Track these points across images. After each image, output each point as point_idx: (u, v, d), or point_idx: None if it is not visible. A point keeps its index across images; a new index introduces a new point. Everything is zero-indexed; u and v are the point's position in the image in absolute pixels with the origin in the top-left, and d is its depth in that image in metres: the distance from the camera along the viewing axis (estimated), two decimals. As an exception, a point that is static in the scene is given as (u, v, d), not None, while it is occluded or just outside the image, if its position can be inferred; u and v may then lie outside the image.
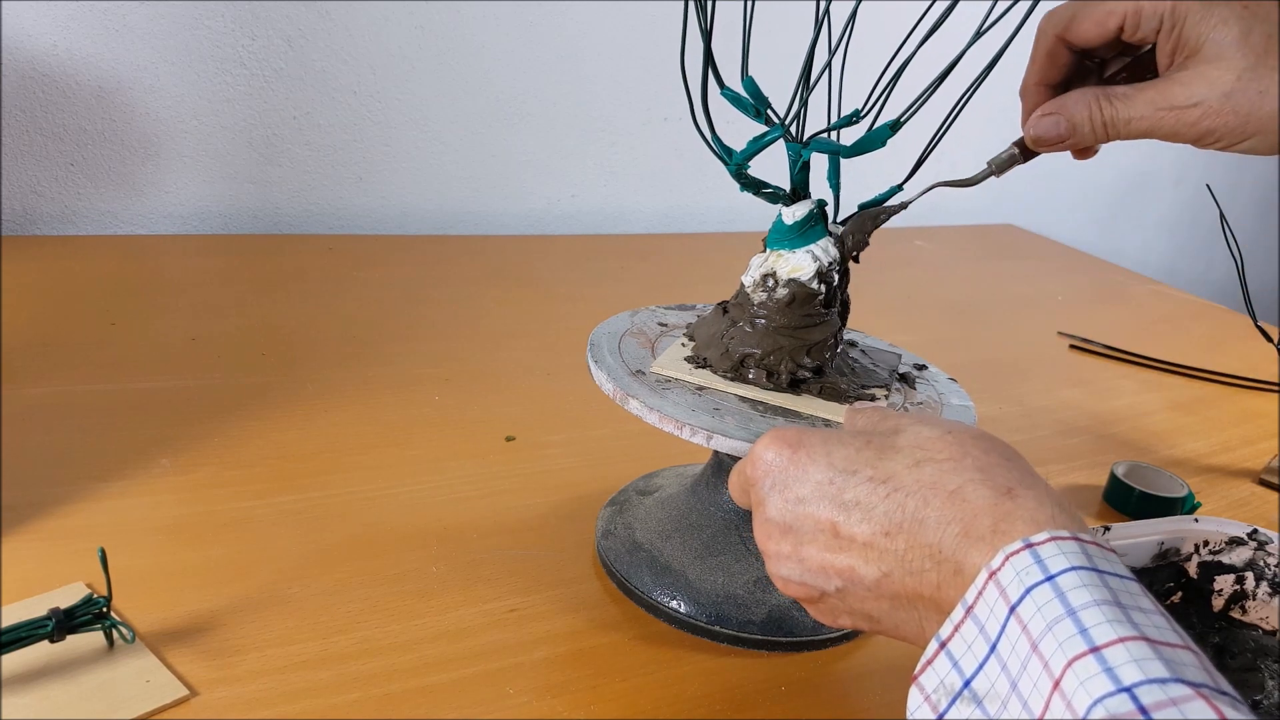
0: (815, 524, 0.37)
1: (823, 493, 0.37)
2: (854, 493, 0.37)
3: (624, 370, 0.52)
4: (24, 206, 0.98)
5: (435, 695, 0.45)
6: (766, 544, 0.40)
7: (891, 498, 0.36)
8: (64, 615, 0.43)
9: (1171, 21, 0.44)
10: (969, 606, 0.33)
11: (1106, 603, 0.30)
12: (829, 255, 0.52)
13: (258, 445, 0.64)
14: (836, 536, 0.37)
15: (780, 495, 0.39)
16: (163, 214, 1.04)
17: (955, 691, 0.33)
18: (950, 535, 0.34)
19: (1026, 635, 0.31)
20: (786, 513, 0.38)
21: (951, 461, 0.36)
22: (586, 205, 1.30)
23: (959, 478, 0.35)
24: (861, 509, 0.36)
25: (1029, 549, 0.32)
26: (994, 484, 0.35)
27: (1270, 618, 0.56)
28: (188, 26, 0.98)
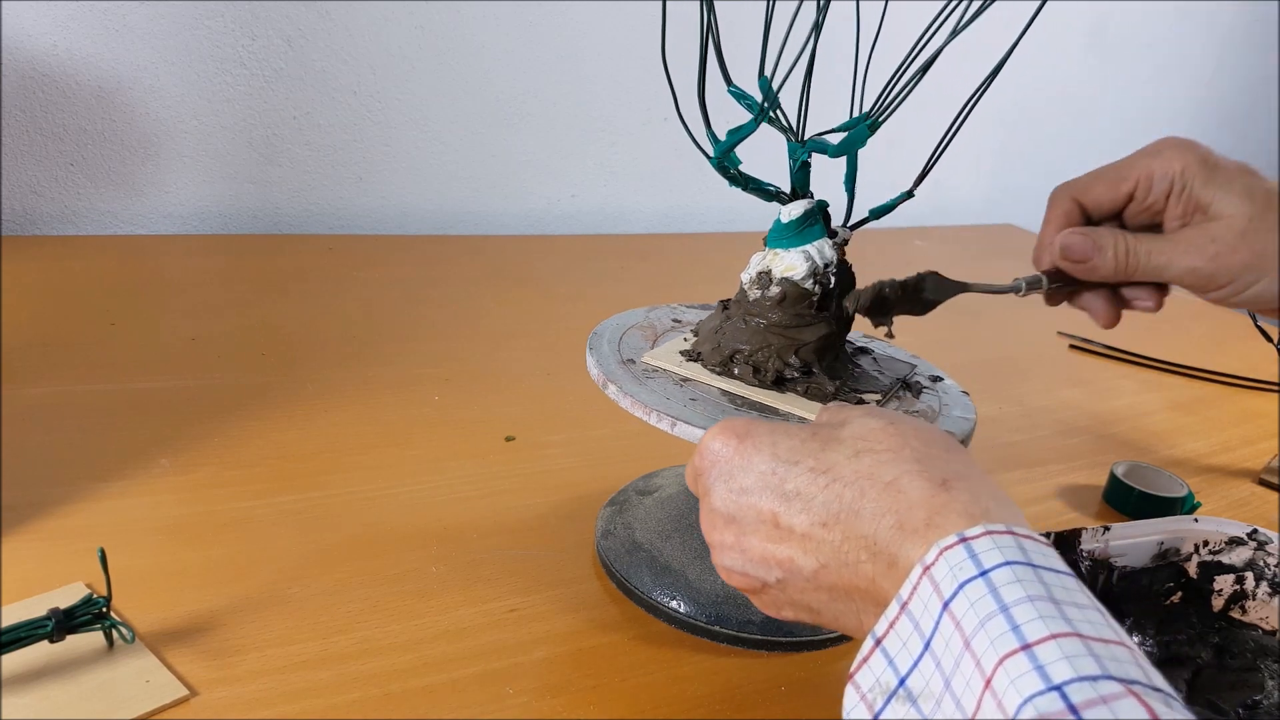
0: (757, 514, 0.38)
1: (765, 483, 0.38)
2: (795, 483, 0.37)
3: (615, 359, 0.53)
4: (24, 206, 0.98)
5: (435, 695, 0.45)
6: (711, 534, 0.40)
7: (830, 488, 0.36)
8: (64, 615, 0.43)
9: (1181, 184, 0.49)
10: (904, 602, 0.33)
11: (1040, 598, 0.30)
12: (824, 257, 0.51)
13: (258, 445, 0.64)
14: (777, 527, 0.37)
15: (725, 485, 0.39)
16: (163, 214, 1.04)
17: (891, 690, 0.32)
18: (885, 527, 0.34)
19: (960, 632, 0.30)
20: (730, 503, 0.39)
21: (890, 452, 0.36)
22: (586, 205, 1.30)
23: (896, 469, 0.35)
24: (801, 499, 0.36)
25: (963, 543, 0.32)
26: (930, 476, 0.35)
27: (1270, 618, 0.56)
28: (188, 26, 0.98)
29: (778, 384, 0.52)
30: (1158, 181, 0.50)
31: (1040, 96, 1.65)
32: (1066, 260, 0.52)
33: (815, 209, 0.52)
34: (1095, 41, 1.69)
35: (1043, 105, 1.67)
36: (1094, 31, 1.68)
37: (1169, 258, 0.50)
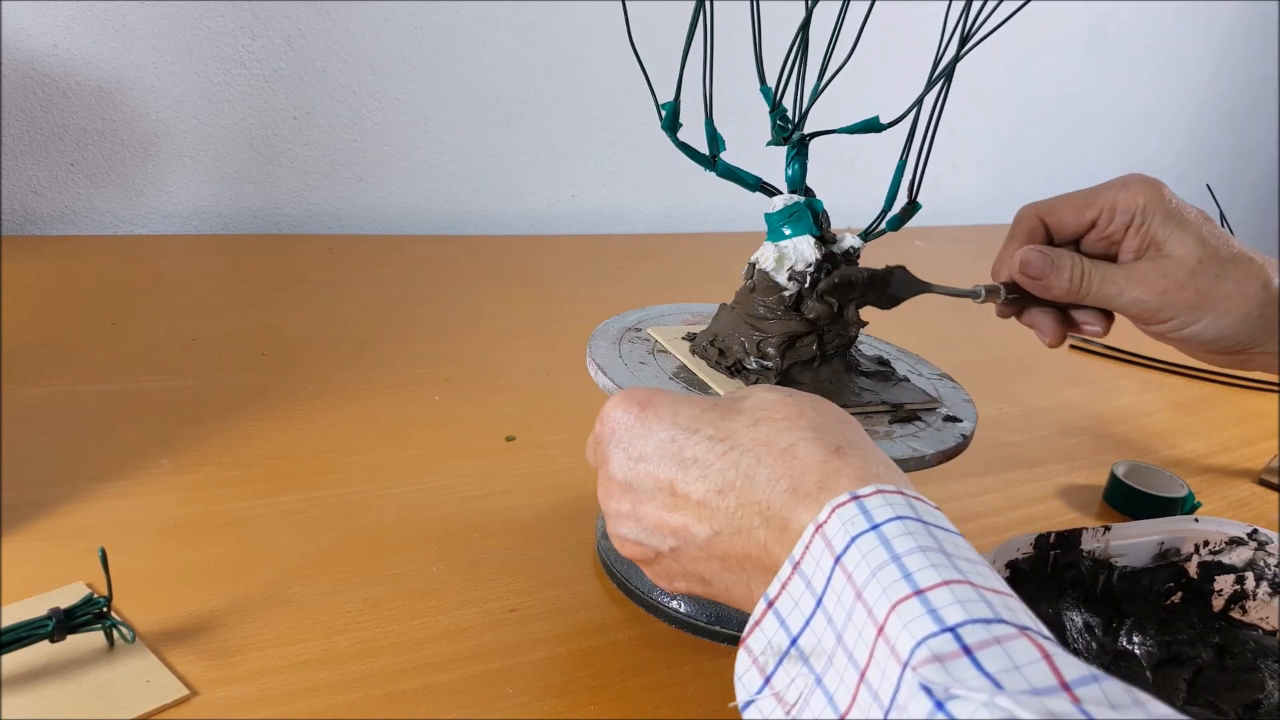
0: (654, 482, 0.38)
1: (664, 451, 0.38)
2: (693, 450, 0.37)
3: (613, 335, 0.55)
4: (24, 206, 0.98)
5: (435, 695, 0.45)
6: (608, 502, 0.40)
7: (727, 456, 0.36)
8: (64, 615, 0.43)
9: (1141, 219, 0.53)
10: (796, 562, 0.33)
11: (931, 549, 0.30)
12: (799, 254, 0.52)
13: (258, 445, 0.64)
14: (673, 495, 0.37)
15: (624, 453, 0.39)
16: (163, 214, 1.04)
17: (782, 651, 0.32)
18: (779, 492, 0.34)
19: (851, 584, 0.31)
20: (628, 470, 0.38)
21: (787, 421, 0.36)
22: (586, 205, 1.30)
23: (792, 436, 0.36)
24: (699, 466, 0.36)
25: (855, 501, 0.32)
26: (824, 442, 0.35)
27: (1270, 618, 0.56)
28: (188, 26, 0.98)
29: (735, 371, 0.52)
30: (1120, 214, 0.53)
31: (1041, 96, 1.65)
32: (1024, 275, 0.54)
33: (796, 206, 0.52)
34: (1095, 41, 1.69)
35: (1043, 105, 1.67)
36: (1094, 31, 1.68)
37: (1120, 287, 0.53)
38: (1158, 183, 0.54)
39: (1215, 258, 0.52)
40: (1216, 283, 0.52)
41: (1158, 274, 0.52)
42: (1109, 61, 1.74)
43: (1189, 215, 0.53)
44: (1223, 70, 1.92)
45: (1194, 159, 1.96)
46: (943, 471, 0.57)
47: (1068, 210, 0.55)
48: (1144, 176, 0.54)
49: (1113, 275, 0.53)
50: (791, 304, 0.52)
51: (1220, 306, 0.52)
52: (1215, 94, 1.94)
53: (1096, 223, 0.54)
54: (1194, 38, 1.85)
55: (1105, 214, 0.54)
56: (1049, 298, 0.55)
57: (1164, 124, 1.89)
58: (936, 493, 0.70)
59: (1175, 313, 0.53)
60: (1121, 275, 0.53)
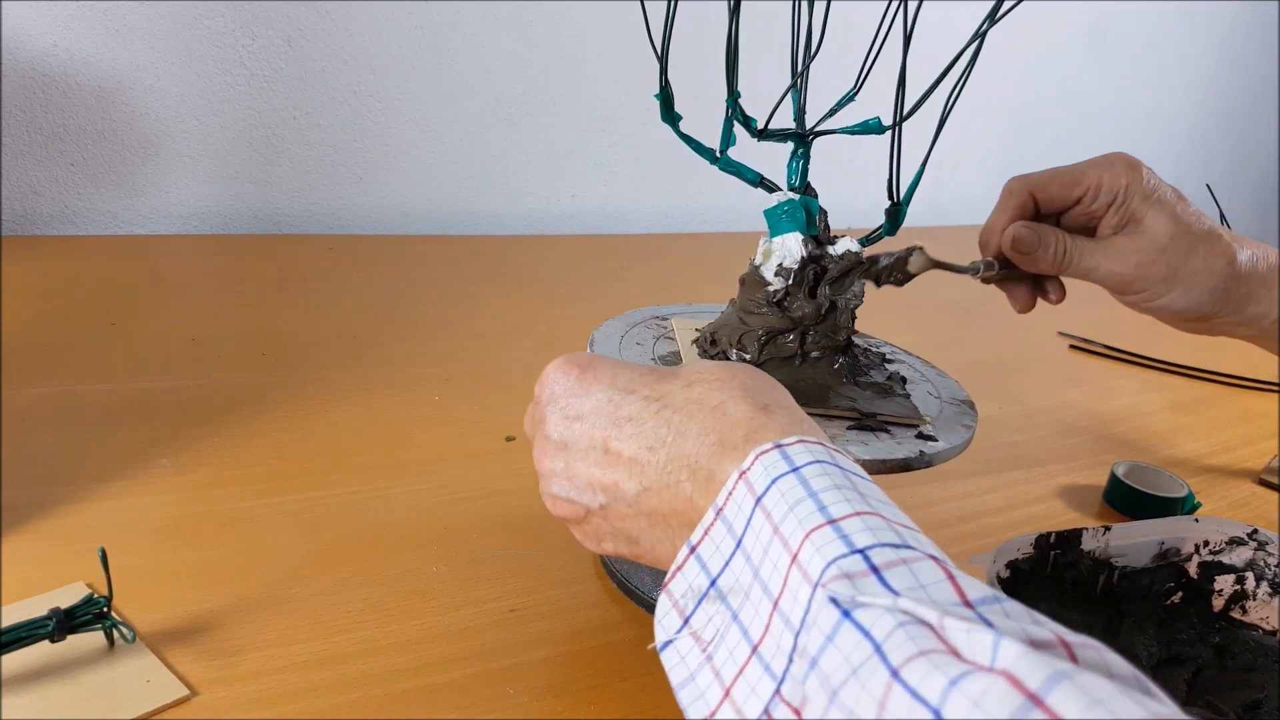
0: (589, 440, 0.38)
1: (600, 410, 0.39)
2: (628, 409, 0.38)
3: (614, 335, 0.56)
4: (24, 206, 0.98)
5: (435, 695, 0.45)
6: (542, 462, 0.40)
7: (660, 414, 0.37)
8: (64, 615, 0.43)
9: (1123, 198, 0.56)
10: (719, 509, 0.34)
11: (847, 488, 0.32)
12: (786, 251, 0.52)
13: (258, 445, 0.64)
14: (606, 452, 0.38)
15: (561, 414, 0.40)
16: (163, 214, 1.04)
17: (702, 593, 0.34)
18: (707, 445, 0.36)
19: (769, 521, 0.32)
20: (564, 430, 0.39)
21: (719, 382, 0.38)
22: (586, 205, 1.30)
23: (722, 394, 0.37)
24: (633, 424, 0.37)
25: (778, 449, 0.33)
26: (753, 401, 0.37)
27: (1270, 618, 0.56)
28: (188, 26, 0.98)
29: None
30: (1104, 193, 0.56)
31: (1041, 96, 1.65)
32: (1014, 250, 0.57)
33: (791, 204, 0.52)
34: (1095, 42, 1.69)
35: (1044, 105, 1.67)
36: (1094, 32, 1.68)
37: (1098, 261, 0.56)
38: (1138, 163, 0.57)
39: (1186, 234, 0.55)
40: (1186, 258, 0.55)
41: (1132, 249, 0.56)
42: (1109, 61, 1.74)
43: (1165, 194, 0.56)
44: (1223, 70, 1.92)
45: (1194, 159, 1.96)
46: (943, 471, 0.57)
47: (1057, 187, 0.58)
48: (1126, 157, 0.57)
49: (1092, 250, 0.56)
50: (776, 300, 0.52)
51: (1189, 280, 0.55)
52: (1215, 94, 1.94)
53: (1082, 200, 0.57)
54: (1194, 38, 1.85)
55: (1091, 192, 0.57)
56: (1033, 270, 0.58)
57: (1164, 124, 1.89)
58: (937, 493, 0.70)
59: (1147, 285, 0.56)
60: (1100, 251, 0.56)
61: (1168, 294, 0.56)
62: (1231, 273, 0.56)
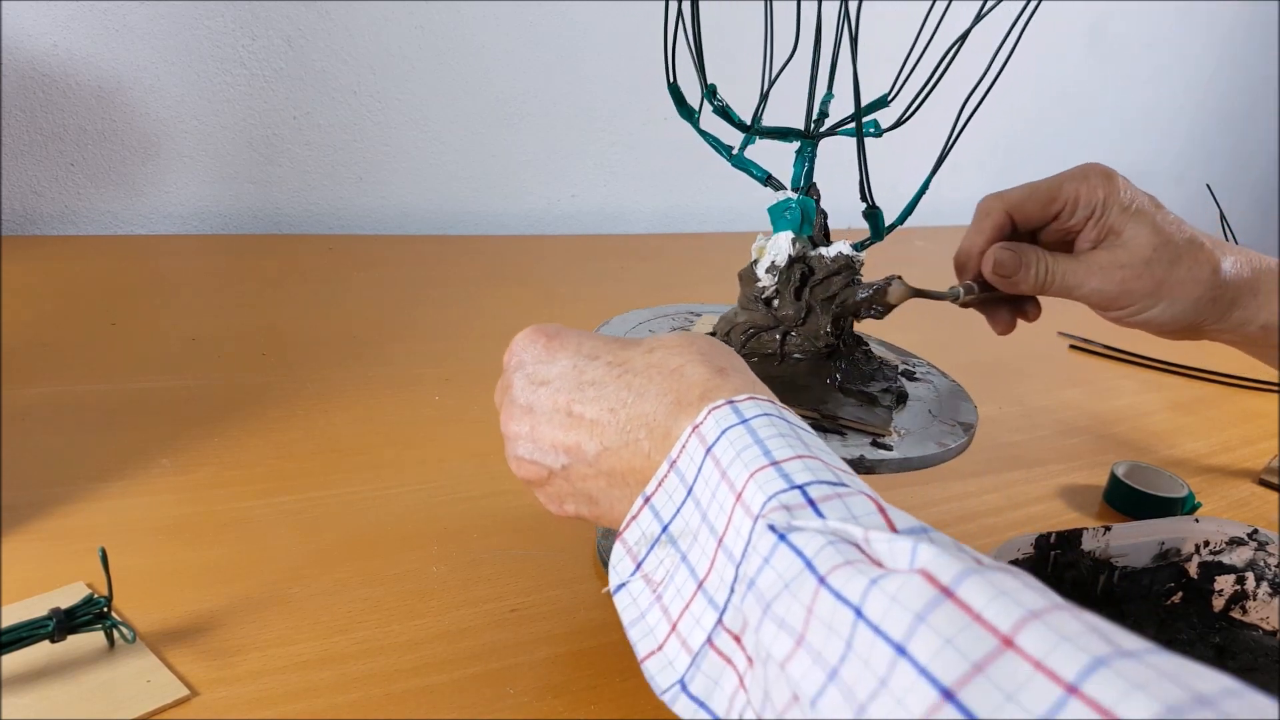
0: (553, 404, 0.40)
1: (565, 376, 0.40)
2: (591, 374, 0.40)
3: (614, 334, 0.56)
4: (24, 206, 0.98)
5: (435, 695, 0.45)
6: (508, 425, 0.42)
7: (622, 378, 0.39)
8: (64, 615, 0.43)
9: (1101, 210, 0.55)
10: (673, 460, 0.36)
11: (791, 436, 0.34)
12: (777, 250, 0.52)
13: (258, 445, 0.64)
14: (569, 415, 0.39)
15: (527, 379, 0.41)
16: (163, 214, 1.04)
17: (654, 539, 0.36)
18: (664, 405, 0.37)
19: (718, 467, 0.34)
20: (529, 395, 0.41)
21: (679, 348, 0.39)
22: (586, 205, 1.30)
23: (681, 358, 0.39)
24: (596, 388, 0.39)
25: (730, 405, 0.35)
26: (710, 364, 0.38)
27: (1270, 618, 0.56)
28: (188, 26, 0.98)
29: None
30: (1082, 206, 0.55)
31: (1041, 96, 1.65)
32: (995, 274, 0.56)
33: (788, 203, 0.52)
34: (1095, 42, 1.69)
35: (1044, 105, 1.67)
36: (1094, 32, 1.68)
37: (1080, 279, 0.55)
38: (1113, 173, 0.56)
39: (1169, 245, 0.54)
40: (1171, 269, 0.54)
41: (1115, 264, 0.54)
42: (1109, 61, 1.74)
43: (1143, 204, 0.55)
44: (1223, 70, 1.92)
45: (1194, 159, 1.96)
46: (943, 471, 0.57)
47: (1033, 204, 0.56)
48: (1101, 167, 0.56)
49: (1074, 268, 0.55)
50: (764, 298, 0.53)
51: (1174, 291, 0.54)
52: (1215, 94, 1.94)
53: (1059, 215, 0.56)
54: (1194, 38, 1.85)
55: (1068, 207, 0.56)
56: (1015, 292, 0.57)
57: (1164, 124, 1.89)
58: (936, 493, 0.70)
59: (1132, 300, 0.55)
60: (1082, 268, 0.55)
61: (1153, 307, 0.55)
62: (1216, 281, 0.55)
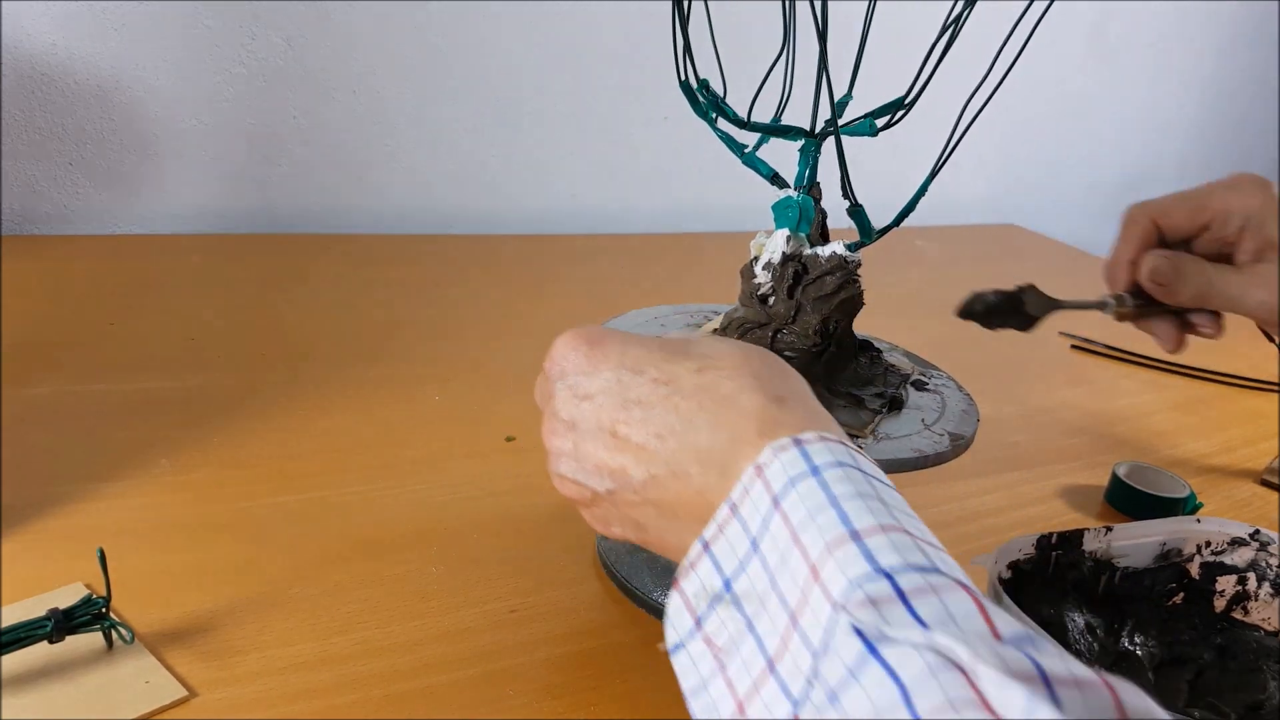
0: (597, 422, 0.37)
1: (609, 391, 0.37)
2: (637, 392, 0.37)
3: None
4: (23, 206, 0.98)
5: (435, 696, 0.45)
6: (550, 439, 0.40)
7: (669, 400, 0.36)
8: (63, 616, 0.43)
9: (1258, 222, 0.52)
10: (734, 505, 0.33)
11: (870, 496, 0.31)
12: (774, 248, 0.52)
13: (258, 445, 0.64)
14: (614, 436, 0.37)
15: (570, 391, 0.39)
16: (162, 214, 1.04)
17: (716, 595, 0.32)
18: (718, 438, 0.34)
19: (788, 526, 0.30)
20: (572, 409, 0.38)
21: (731, 369, 0.36)
22: (587, 205, 1.30)
23: (734, 383, 0.36)
24: (641, 408, 0.36)
25: (797, 446, 0.32)
26: (766, 391, 0.35)
27: (1272, 618, 0.56)
28: (187, 26, 0.98)
29: None
30: (1234, 217, 0.52)
31: (1041, 96, 1.65)
32: (1152, 282, 0.53)
33: (788, 201, 0.52)
34: (1096, 41, 1.69)
35: (1044, 105, 1.67)
36: (1095, 31, 1.68)
37: (1243, 290, 0.52)
38: (1268, 182, 0.53)
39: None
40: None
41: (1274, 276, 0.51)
42: (1109, 61, 1.73)
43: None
44: (1223, 70, 1.92)
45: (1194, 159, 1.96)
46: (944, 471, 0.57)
47: (1182, 214, 0.54)
48: (1255, 177, 0.54)
49: (1236, 280, 0.52)
50: (759, 294, 0.53)
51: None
52: (1215, 94, 1.94)
53: (1210, 226, 0.54)
54: (1194, 38, 1.84)
55: (1219, 218, 0.53)
56: (1174, 303, 0.54)
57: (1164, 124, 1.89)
58: (937, 493, 0.70)
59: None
60: (1245, 279, 0.52)
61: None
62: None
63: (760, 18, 0.53)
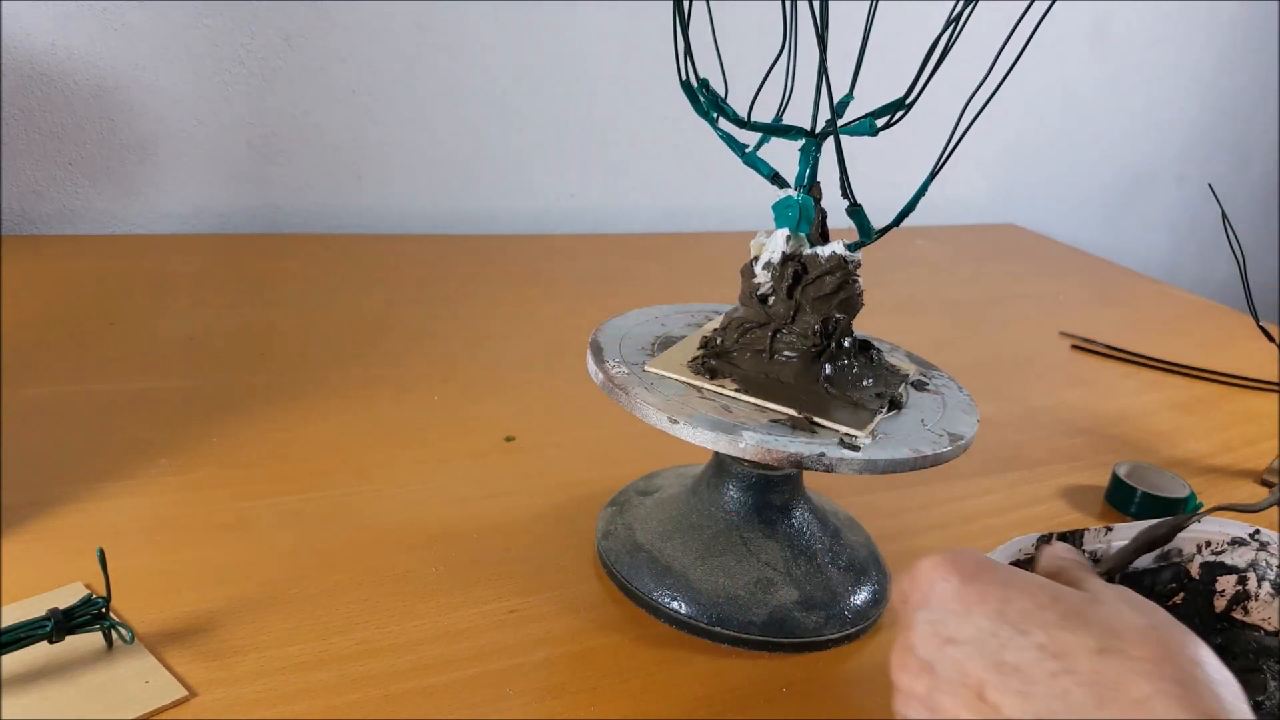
0: (961, 675, 0.32)
1: (982, 643, 0.32)
2: (1017, 656, 0.31)
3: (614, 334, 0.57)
4: (23, 206, 0.98)
5: (435, 696, 0.45)
6: (900, 675, 0.35)
7: (1058, 680, 0.30)
8: (63, 616, 0.43)
9: None
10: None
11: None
12: (774, 248, 0.52)
13: (258, 445, 0.64)
14: (981, 699, 0.32)
15: (932, 629, 0.34)
16: (162, 214, 1.04)
17: None
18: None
19: None
20: (933, 651, 0.33)
21: (1147, 662, 0.30)
22: (586, 205, 1.30)
23: (1150, 686, 0.29)
24: (1020, 678, 0.31)
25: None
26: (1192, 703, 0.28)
27: (1272, 618, 0.56)
28: (187, 25, 0.98)
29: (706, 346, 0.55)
30: None
31: (1042, 96, 1.65)
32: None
33: (788, 200, 0.52)
34: (1097, 41, 1.69)
35: (1044, 104, 1.67)
36: (1096, 31, 1.68)
37: None
38: None
39: None
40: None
41: None
42: (1110, 61, 1.73)
43: None
44: (1223, 70, 1.92)
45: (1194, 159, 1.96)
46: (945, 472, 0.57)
47: None
48: None
49: None
50: (758, 294, 0.53)
51: None
52: (1215, 94, 1.94)
53: None
54: (1195, 38, 1.84)
55: None
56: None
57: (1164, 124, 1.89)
58: (939, 493, 0.70)
59: None
60: None
61: None
62: None
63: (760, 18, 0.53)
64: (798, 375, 0.52)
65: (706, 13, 0.50)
